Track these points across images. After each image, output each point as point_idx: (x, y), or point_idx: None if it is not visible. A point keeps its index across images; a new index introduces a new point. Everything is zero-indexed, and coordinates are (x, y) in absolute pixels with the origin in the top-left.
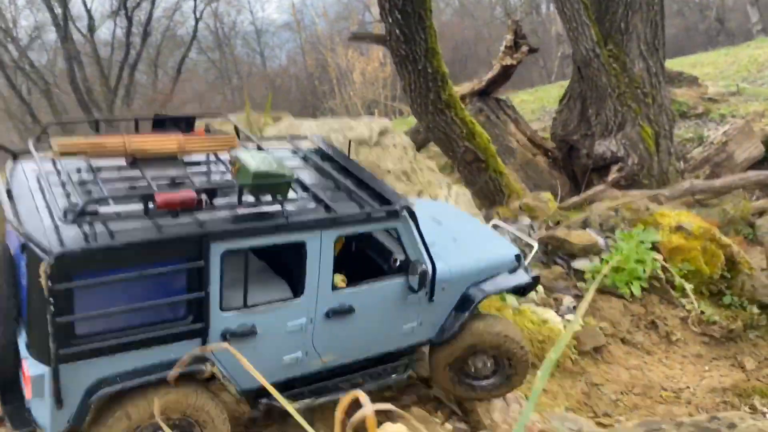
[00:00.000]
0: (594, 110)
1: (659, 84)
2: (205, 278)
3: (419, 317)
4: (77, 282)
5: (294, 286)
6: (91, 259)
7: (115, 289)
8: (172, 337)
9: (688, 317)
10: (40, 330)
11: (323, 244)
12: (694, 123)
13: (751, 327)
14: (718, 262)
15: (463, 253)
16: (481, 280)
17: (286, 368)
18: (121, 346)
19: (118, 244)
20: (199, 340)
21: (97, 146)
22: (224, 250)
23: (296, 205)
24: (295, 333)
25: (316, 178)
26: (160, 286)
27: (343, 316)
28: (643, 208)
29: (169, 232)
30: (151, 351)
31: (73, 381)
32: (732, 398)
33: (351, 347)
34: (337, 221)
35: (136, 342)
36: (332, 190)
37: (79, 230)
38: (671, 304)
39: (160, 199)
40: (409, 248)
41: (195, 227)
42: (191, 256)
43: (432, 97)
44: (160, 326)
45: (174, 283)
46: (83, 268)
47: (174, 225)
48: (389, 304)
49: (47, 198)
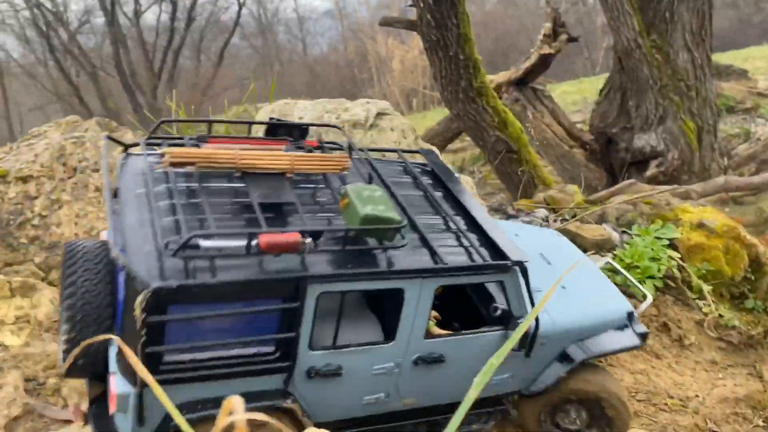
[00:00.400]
0: (634, 102)
1: (704, 77)
2: (297, 319)
3: (512, 370)
4: (171, 314)
5: (386, 330)
6: (188, 294)
7: (207, 323)
8: (258, 372)
9: (704, 321)
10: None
11: (422, 292)
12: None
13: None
14: (741, 262)
15: (571, 305)
16: (585, 336)
17: (365, 407)
18: (206, 377)
19: (216, 282)
20: (284, 375)
21: (208, 159)
22: (322, 291)
23: (401, 250)
24: (380, 376)
25: (424, 211)
26: (251, 322)
27: (432, 364)
28: (664, 203)
29: (268, 273)
30: (236, 382)
31: (155, 403)
32: (745, 410)
33: (435, 393)
34: (441, 271)
35: (221, 374)
36: (440, 230)
37: (179, 262)
38: (687, 305)
39: (263, 242)
40: (514, 303)
41: (295, 268)
42: (287, 296)
43: (463, 85)
44: (247, 360)
45: (266, 320)
46: (178, 302)
47: (274, 262)
48: (482, 356)
49: (152, 214)
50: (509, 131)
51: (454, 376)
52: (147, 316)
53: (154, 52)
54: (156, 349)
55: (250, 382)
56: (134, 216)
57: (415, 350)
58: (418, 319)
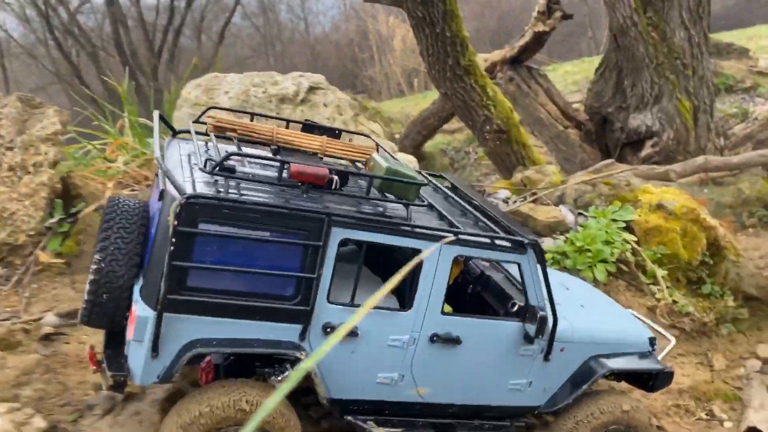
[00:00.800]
0: (630, 82)
1: (701, 55)
2: (320, 260)
3: (530, 375)
4: (201, 228)
5: (402, 299)
6: (218, 210)
7: (232, 249)
8: (276, 314)
9: (656, 307)
10: (156, 274)
11: (441, 259)
12: (740, 97)
13: (731, 320)
14: (698, 246)
15: (590, 319)
16: (606, 354)
17: (378, 388)
18: (225, 308)
19: (247, 201)
20: (301, 326)
21: (248, 128)
22: (344, 237)
23: (421, 213)
24: (395, 349)
25: (443, 203)
26: (275, 258)
27: (449, 345)
28: (624, 183)
29: (297, 205)
30: (251, 324)
31: (172, 333)
32: (688, 401)
33: (450, 385)
34: (459, 239)
35: (240, 308)
36: (459, 215)
37: (215, 184)
38: (640, 291)
39: (294, 168)
40: (531, 289)
41: (321, 206)
42: (312, 233)
43: (450, 63)
44: (267, 299)
45: (289, 258)
46: (209, 216)
47: (301, 201)
48: (500, 347)
49: (192, 162)
50: (498, 111)
51: (470, 367)
52: (178, 224)
53: (155, 32)
54: (182, 263)
55: (266, 328)
56: (178, 164)
57: (431, 325)
58: (435, 290)
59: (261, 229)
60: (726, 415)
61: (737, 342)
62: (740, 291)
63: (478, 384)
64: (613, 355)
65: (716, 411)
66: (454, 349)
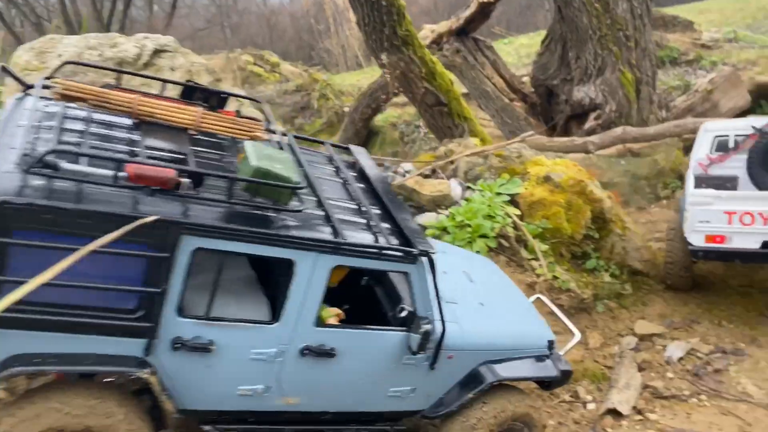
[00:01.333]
0: (574, 54)
1: (643, 27)
2: (165, 273)
3: (414, 383)
4: (16, 239)
5: (274, 312)
6: (37, 217)
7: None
8: (114, 330)
9: (536, 283)
10: None
11: (316, 269)
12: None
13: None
14: (582, 219)
15: (486, 322)
16: (499, 359)
17: (239, 399)
18: (50, 323)
19: (70, 207)
20: (145, 341)
21: (102, 96)
22: (197, 247)
23: (299, 217)
24: (259, 363)
25: (338, 195)
26: (115, 268)
27: (321, 358)
28: (515, 155)
29: (135, 209)
30: (85, 340)
31: None
32: None
33: (322, 395)
34: (339, 248)
35: (68, 324)
36: (351, 213)
37: (42, 187)
38: (520, 266)
39: (131, 170)
40: (419, 301)
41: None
42: (156, 243)
43: (387, 32)
44: (103, 313)
45: (131, 269)
46: (26, 225)
47: (151, 204)
48: (380, 359)
49: (24, 138)
50: (438, 83)
51: (345, 378)
52: None
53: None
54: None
55: (104, 342)
56: (8, 141)
57: (302, 338)
58: (308, 301)
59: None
60: (591, 396)
61: (619, 318)
62: (626, 265)
63: (355, 392)
64: (506, 360)
65: (581, 392)
66: (328, 360)
